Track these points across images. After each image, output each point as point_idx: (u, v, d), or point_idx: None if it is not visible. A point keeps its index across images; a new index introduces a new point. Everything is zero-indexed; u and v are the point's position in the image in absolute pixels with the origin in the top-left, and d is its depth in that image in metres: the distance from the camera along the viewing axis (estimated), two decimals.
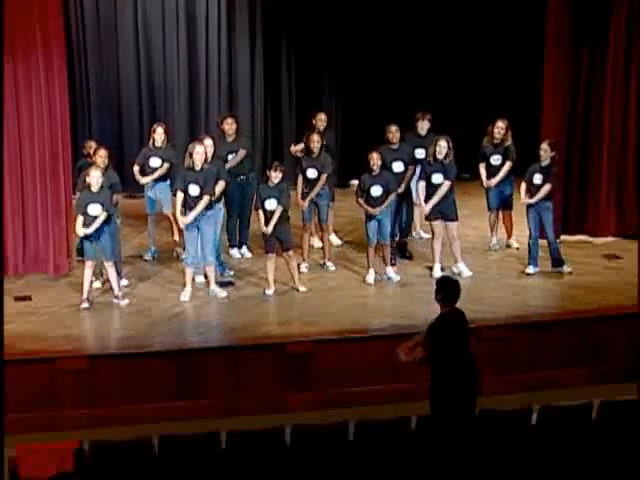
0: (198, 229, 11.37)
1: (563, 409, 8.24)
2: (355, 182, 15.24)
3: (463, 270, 12.09)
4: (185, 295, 11.42)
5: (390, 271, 12.09)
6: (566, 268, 12.26)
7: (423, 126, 12.93)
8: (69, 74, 12.51)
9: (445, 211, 12.07)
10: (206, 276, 11.67)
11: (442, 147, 11.91)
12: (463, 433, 7.92)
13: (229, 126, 12.70)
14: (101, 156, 11.50)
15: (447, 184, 11.96)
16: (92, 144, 12.35)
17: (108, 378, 10.02)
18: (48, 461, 7.63)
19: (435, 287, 8.60)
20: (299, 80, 16.44)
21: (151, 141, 12.67)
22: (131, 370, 10.09)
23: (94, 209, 11.01)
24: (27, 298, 11.42)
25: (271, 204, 11.41)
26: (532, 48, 14.45)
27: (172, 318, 11.02)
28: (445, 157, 11.93)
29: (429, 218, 12.18)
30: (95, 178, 11.01)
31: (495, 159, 12.88)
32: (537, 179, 12.07)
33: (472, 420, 8.25)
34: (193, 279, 11.59)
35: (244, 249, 12.99)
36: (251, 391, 10.24)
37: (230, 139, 12.71)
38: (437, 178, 11.97)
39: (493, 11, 16.15)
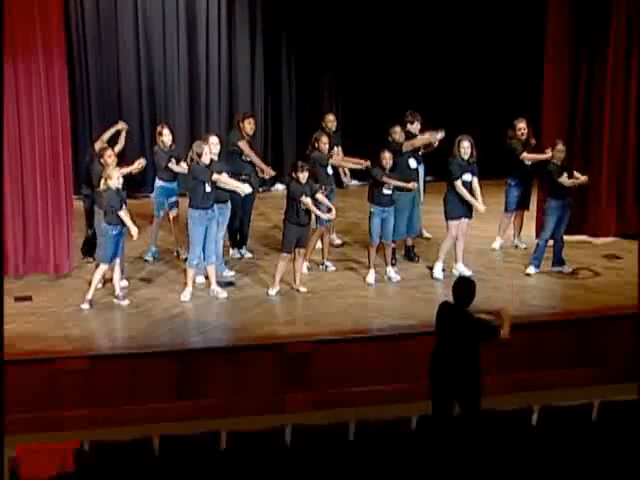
0: (206, 229, 11.38)
1: (563, 409, 8.25)
2: (355, 182, 15.30)
3: (462, 270, 12.10)
4: (186, 295, 11.42)
5: (390, 271, 12.10)
6: (567, 268, 12.27)
7: (416, 127, 13.00)
8: (69, 74, 12.51)
9: (467, 209, 12.12)
10: (207, 276, 11.68)
11: (466, 147, 11.94)
12: (463, 433, 7.93)
13: (250, 126, 12.75)
14: (110, 155, 11.51)
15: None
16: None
17: (108, 378, 10.02)
18: (48, 461, 7.63)
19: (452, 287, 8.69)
20: (299, 80, 16.45)
21: (161, 144, 12.62)
22: (131, 370, 10.09)
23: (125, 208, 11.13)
24: (27, 298, 11.41)
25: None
26: (532, 48, 14.45)
27: (173, 318, 11.02)
28: (471, 156, 11.98)
29: (452, 217, 12.10)
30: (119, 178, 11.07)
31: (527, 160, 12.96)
32: (564, 177, 12.08)
33: (473, 420, 8.25)
34: (194, 279, 11.59)
35: (244, 249, 13.00)
36: (251, 391, 10.24)
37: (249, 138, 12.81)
38: (468, 177, 12.02)
39: (493, 11, 16.16)
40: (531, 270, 12.24)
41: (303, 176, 11.42)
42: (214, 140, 11.75)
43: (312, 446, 7.71)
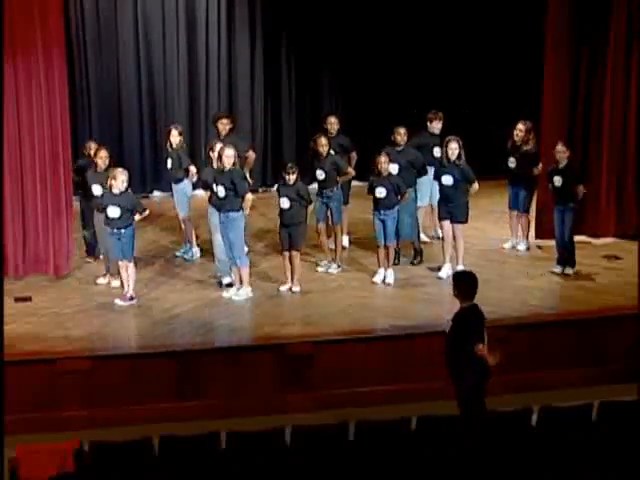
0: (226, 236, 11.39)
1: (563, 409, 8.24)
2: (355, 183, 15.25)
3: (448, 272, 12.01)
4: (242, 294, 11.40)
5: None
6: (570, 270, 12.23)
7: (438, 125, 13.01)
8: (69, 74, 12.52)
9: (454, 213, 12.07)
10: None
11: (453, 149, 11.94)
12: (468, 432, 7.93)
13: (223, 126, 12.76)
14: (102, 157, 11.58)
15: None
16: (92, 145, 12.33)
17: (108, 378, 10.02)
18: (48, 461, 7.63)
19: (452, 282, 8.67)
20: (299, 80, 16.45)
21: (179, 144, 12.62)
22: (131, 370, 10.09)
23: (114, 211, 11.06)
24: (27, 299, 11.43)
25: (283, 203, 11.54)
26: (532, 48, 14.44)
27: (173, 318, 11.03)
28: (458, 158, 11.95)
29: (439, 218, 12.27)
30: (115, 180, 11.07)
31: (510, 162, 12.91)
32: (557, 181, 12.04)
33: (477, 420, 8.23)
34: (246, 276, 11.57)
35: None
36: (251, 391, 10.24)
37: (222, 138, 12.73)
38: (447, 180, 11.98)
39: (493, 11, 16.14)
40: (556, 269, 12.25)
41: (289, 178, 11.49)
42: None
43: (312, 446, 7.71)
